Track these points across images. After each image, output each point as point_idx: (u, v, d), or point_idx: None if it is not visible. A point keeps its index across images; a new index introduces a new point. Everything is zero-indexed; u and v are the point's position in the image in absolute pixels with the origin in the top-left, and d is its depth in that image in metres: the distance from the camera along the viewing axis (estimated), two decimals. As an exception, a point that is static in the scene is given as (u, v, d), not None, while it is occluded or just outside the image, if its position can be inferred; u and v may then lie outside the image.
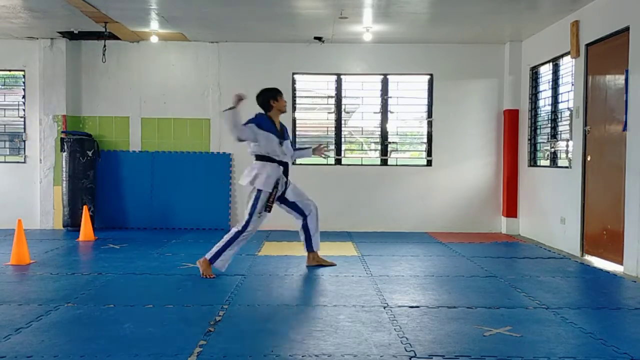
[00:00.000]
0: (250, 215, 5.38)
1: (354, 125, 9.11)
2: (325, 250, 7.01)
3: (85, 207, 7.82)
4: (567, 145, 7.25)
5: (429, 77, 8.90)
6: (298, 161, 9.02)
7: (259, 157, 5.46)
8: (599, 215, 6.42)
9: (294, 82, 8.94)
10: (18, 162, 8.88)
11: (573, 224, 6.88)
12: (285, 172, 5.56)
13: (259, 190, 5.37)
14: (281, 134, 5.56)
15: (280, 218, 8.79)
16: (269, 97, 5.58)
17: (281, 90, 5.66)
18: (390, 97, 8.92)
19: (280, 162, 5.47)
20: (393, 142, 8.99)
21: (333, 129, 8.98)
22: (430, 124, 8.90)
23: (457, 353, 3.32)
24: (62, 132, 8.57)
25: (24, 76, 8.82)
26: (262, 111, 5.60)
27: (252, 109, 5.63)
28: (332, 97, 8.97)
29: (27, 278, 5.34)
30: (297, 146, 6.47)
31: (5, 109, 8.91)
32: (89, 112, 8.92)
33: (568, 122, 7.17)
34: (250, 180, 5.38)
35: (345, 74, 8.92)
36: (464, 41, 8.61)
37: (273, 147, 5.43)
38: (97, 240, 7.55)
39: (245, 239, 5.41)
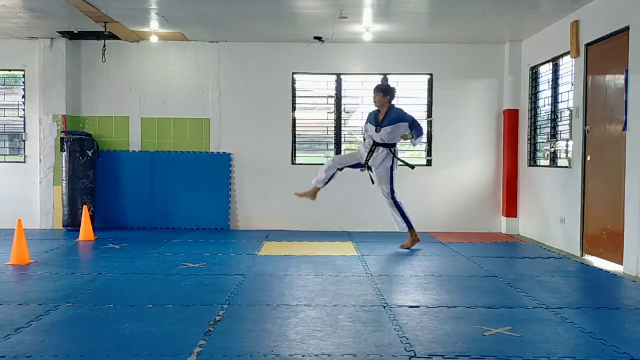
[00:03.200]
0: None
1: (354, 125, 9.10)
2: (325, 250, 7.04)
3: (85, 207, 7.82)
4: (567, 145, 7.25)
5: (429, 77, 8.90)
6: (297, 161, 9.05)
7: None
8: (599, 215, 6.42)
9: (294, 82, 8.94)
10: (18, 162, 8.88)
11: (573, 224, 6.88)
12: (373, 149, 6.95)
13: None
14: (380, 122, 6.89)
15: (280, 218, 8.87)
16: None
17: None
18: (391, 97, 8.92)
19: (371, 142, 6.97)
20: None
21: (333, 129, 8.98)
22: (430, 124, 8.90)
23: (457, 353, 3.32)
24: (62, 132, 8.57)
25: (24, 76, 8.82)
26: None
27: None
28: (332, 97, 8.97)
29: (27, 278, 5.34)
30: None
31: (5, 109, 8.91)
32: (89, 112, 8.92)
33: (568, 122, 7.17)
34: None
35: (345, 74, 8.92)
36: (464, 41, 8.61)
37: (370, 133, 6.98)
38: (97, 240, 7.55)
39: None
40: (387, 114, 6.89)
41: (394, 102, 7.07)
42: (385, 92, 6.96)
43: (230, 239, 7.89)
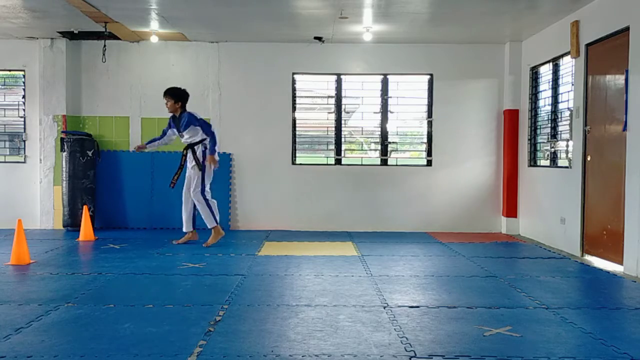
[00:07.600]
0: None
1: (354, 125, 9.11)
2: (325, 250, 7.04)
3: (85, 207, 7.82)
4: (567, 145, 7.25)
5: (429, 77, 8.90)
6: (297, 161, 9.05)
7: None
8: (599, 215, 6.42)
9: (294, 82, 8.94)
10: (18, 162, 8.87)
11: (573, 224, 6.88)
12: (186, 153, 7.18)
13: None
14: (177, 126, 7.14)
15: (280, 218, 8.87)
16: None
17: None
18: (390, 97, 8.92)
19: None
20: (393, 142, 8.99)
21: (333, 129, 8.98)
22: (430, 124, 8.90)
23: (457, 353, 3.32)
24: (62, 132, 8.57)
25: (24, 76, 8.82)
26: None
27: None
28: (332, 97, 8.97)
29: (27, 278, 5.34)
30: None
31: (5, 109, 8.90)
32: (89, 112, 8.92)
33: (568, 122, 7.17)
34: None
35: (345, 74, 8.93)
36: (464, 41, 8.61)
37: (174, 136, 7.32)
38: (97, 240, 7.55)
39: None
40: (179, 119, 7.11)
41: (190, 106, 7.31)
42: (175, 97, 7.09)
43: (230, 239, 7.88)
